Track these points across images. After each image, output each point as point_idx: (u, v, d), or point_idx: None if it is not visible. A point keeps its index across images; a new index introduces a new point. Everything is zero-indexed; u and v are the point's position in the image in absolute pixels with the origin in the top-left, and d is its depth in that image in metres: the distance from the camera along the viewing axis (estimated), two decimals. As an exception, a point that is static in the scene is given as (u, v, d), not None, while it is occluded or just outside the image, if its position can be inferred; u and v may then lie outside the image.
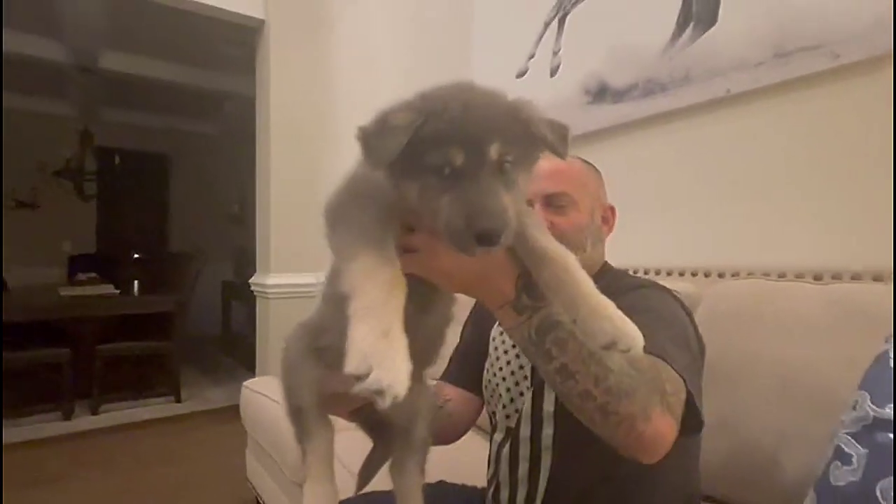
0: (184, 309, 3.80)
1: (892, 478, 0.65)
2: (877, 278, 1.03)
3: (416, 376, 0.77)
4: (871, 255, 1.09)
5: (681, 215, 1.58)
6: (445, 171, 0.53)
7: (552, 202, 0.91)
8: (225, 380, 4.33)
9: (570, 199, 0.92)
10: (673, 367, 0.66)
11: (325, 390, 0.70)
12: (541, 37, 2.11)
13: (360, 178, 0.63)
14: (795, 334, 1.00)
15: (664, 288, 0.87)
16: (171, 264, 5.90)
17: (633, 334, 0.54)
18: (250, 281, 3.23)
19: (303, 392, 0.71)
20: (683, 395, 0.67)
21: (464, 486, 1.08)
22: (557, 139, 0.59)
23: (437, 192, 0.53)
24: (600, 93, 1.86)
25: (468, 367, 1.04)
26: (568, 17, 2.00)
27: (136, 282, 4.45)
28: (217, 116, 5.97)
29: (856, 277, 1.06)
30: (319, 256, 2.91)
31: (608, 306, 0.56)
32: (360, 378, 0.45)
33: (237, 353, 5.14)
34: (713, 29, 1.52)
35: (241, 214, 6.13)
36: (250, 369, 4.68)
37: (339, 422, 0.77)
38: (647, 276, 0.92)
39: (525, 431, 0.86)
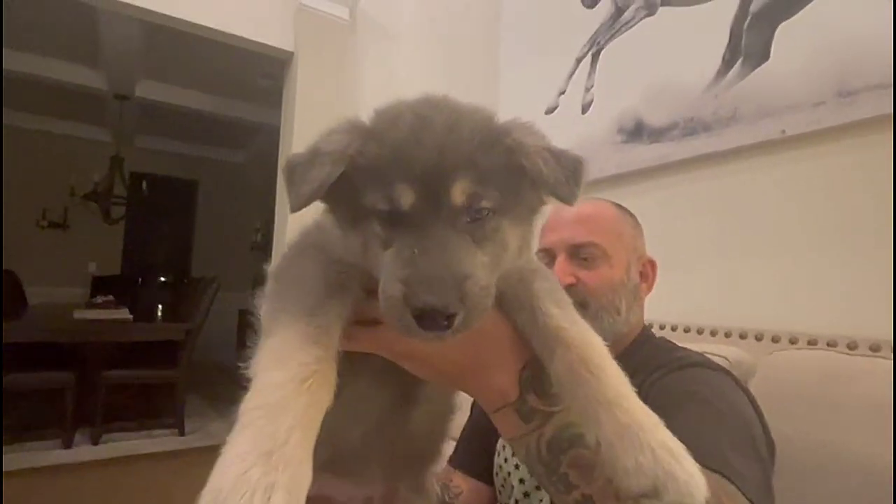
0: (192, 337, 3.71)
1: None
2: None
3: (412, 484, 0.61)
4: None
5: (726, 268, 1.42)
6: (390, 217, 0.39)
7: (578, 253, 0.78)
8: (234, 413, 4.19)
9: (600, 251, 0.78)
10: (738, 487, 0.49)
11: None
12: (572, 73, 2.01)
13: (318, 226, 0.48)
14: (875, 423, 0.82)
15: (721, 368, 0.70)
16: (191, 290, 5.91)
17: (685, 478, 0.36)
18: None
19: None
20: None
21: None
22: (562, 176, 0.42)
23: (381, 244, 0.39)
24: (636, 131, 1.74)
25: (477, 451, 0.87)
26: (602, 53, 1.90)
27: (160, 306, 4.41)
28: (246, 146, 6.08)
29: None
30: None
31: (650, 426, 0.38)
32: None
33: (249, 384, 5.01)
34: (765, 65, 1.39)
35: (263, 243, 6.13)
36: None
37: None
38: (698, 352, 0.75)
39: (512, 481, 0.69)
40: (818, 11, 1.28)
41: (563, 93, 2.05)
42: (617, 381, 0.40)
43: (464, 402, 0.62)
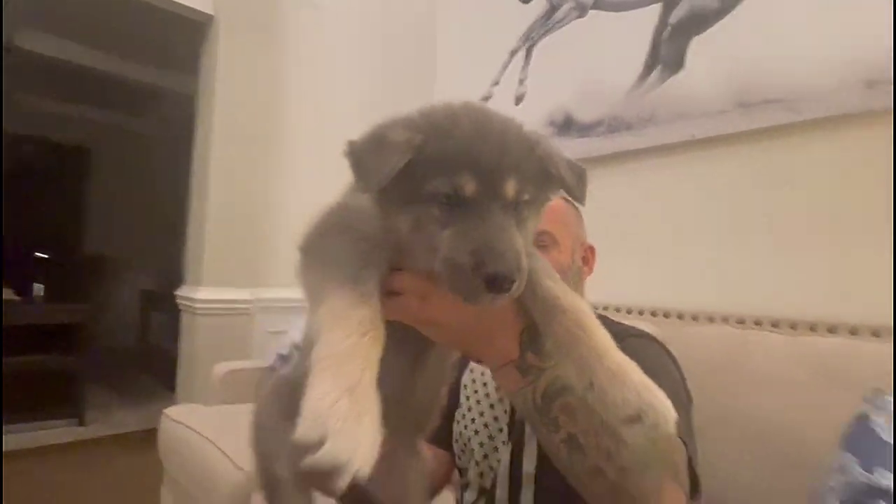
0: (95, 320, 3.42)
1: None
2: (853, 332, 1.05)
3: (409, 447, 0.67)
4: (844, 308, 1.12)
5: (645, 254, 1.58)
6: (450, 201, 0.45)
7: (534, 243, 0.85)
8: (140, 400, 3.93)
9: (551, 238, 0.86)
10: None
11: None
12: (506, 65, 2.09)
13: (342, 206, 0.53)
14: (768, 388, 0.99)
15: (653, 338, 0.82)
16: (83, 269, 5.36)
17: (661, 407, 0.45)
18: (177, 293, 2.96)
19: (279, 461, 0.58)
20: (686, 463, 0.61)
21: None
22: (576, 181, 0.51)
23: (438, 224, 0.45)
24: (566, 126, 1.86)
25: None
26: (535, 48, 2.00)
27: (38, 286, 3.97)
28: (147, 113, 5.57)
29: (831, 330, 1.08)
30: (257, 271, 2.70)
31: (632, 370, 0.48)
32: (310, 448, 0.35)
33: (156, 370, 4.71)
34: (680, 74, 1.55)
35: (171, 220, 5.70)
36: (170, 388, 4.31)
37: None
38: (632, 326, 0.86)
39: (502, 493, 0.78)
40: (726, 30, 1.45)
41: (496, 83, 2.13)
42: (604, 338, 0.49)
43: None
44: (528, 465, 0.76)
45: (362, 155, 0.45)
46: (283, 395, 0.61)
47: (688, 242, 1.47)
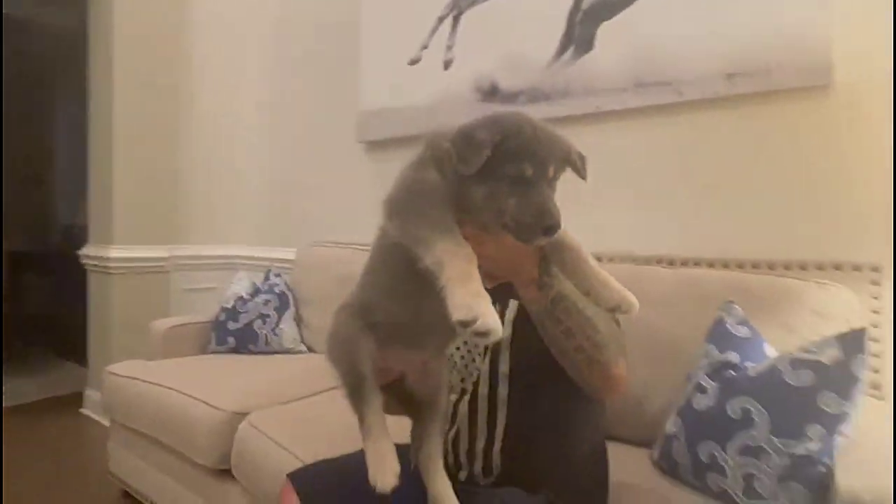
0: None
1: (740, 397, 0.97)
2: (710, 265, 1.43)
3: (438, 355, 0.89)
4: (705, 247, 1.52)
5: (562, 207, 1.88)
6: (514, 180, 0.66)
7: None
8: (28, 370, 3.64)
9: None
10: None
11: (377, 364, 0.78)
12: (434, 30, 2.23)
13: (418, 180, 0.72)
14: (654, 308, 1.33)
15: None
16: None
17: (631, 299, 0.73)
18: (81, 253, 2.79)
19: (364, 364, 0.77)
20: (625, 345, 0.89)
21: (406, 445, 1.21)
22: (581, 165, 0.75)
23: (506, 195, 0.66)
24: (491, 93, 2.08)
25: None
26: (463, 16, 2.16)
27: None
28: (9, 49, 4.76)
29: (697, 263, 1.45)
30: (173, 228, 2.71)
31: (611, 279, 0.74)
32: (467, 324, 0.57)
33: (34, 338, 4.33)
34: (590, 54, 1.83)
35: (37, 172, 5.05)
36: (62, 355, 4.00)
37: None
38: None
39: (483, 390, 1.02)
40: (629, 19, 1.74)
41: (425, 47, 2.27)
42: (594, 262, 0.76)
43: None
44: (503, 367, 1.02)
45: (462, 149, 0.65)
46: (356, 316, 0.80)
47: (597, 198, 1.80)
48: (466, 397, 1.05)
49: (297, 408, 1.52)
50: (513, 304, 1.01)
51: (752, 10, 1.51)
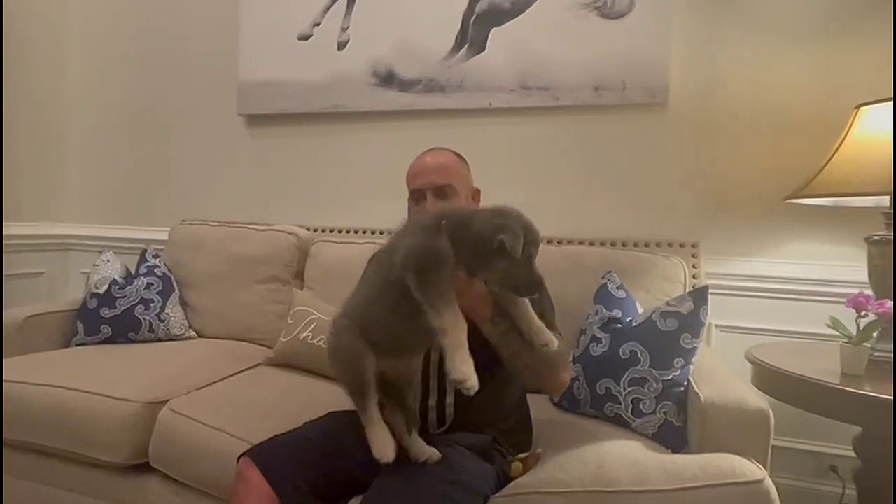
0: None
1: (629, 343, 1.29)
2: (591, 243, 1.76)
3: (420, 355, 1.08)
4: (585, 228, 1.86)
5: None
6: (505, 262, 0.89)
7: (440, 194, 1.19)
8: None
9: (453, 190, 1.20)
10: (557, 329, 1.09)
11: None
12: (327, 8, 2.23)
13: (434, 247, 0.89)
14: (550, 278, 1.60)
15: None
16: None
17: (553, 340, 0.96)
18: None
19: (368, 374, 0.94)
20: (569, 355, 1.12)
21: (346, 412, 1.30)
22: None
23: (497, 269, 0.90)
24: (388, 79, 2.17)
25: None
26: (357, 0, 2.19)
27: None
28: None
29: (581, 242, 1.77)
30: (59, 206, 2.41)
31: (542, 325, 0.97)
32: (460, 383, 0.81)
33: None
34: (483, 54, 2.04)
35: None
36: None
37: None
38: None
39: (435, 356, 1.16)
40: (516, 28, 1.98)
41: (317, 24, 2.25)
42: (532, 311, 0.97)
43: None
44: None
45: (511, 240, 0.87)
46: (354, 326, 0.96)
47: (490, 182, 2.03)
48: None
49: (219, 390, 1.48)
50: None
51: (613, 38, 1.87)
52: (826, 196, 1.44)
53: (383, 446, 0.93)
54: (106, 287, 1.84)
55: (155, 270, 1.96)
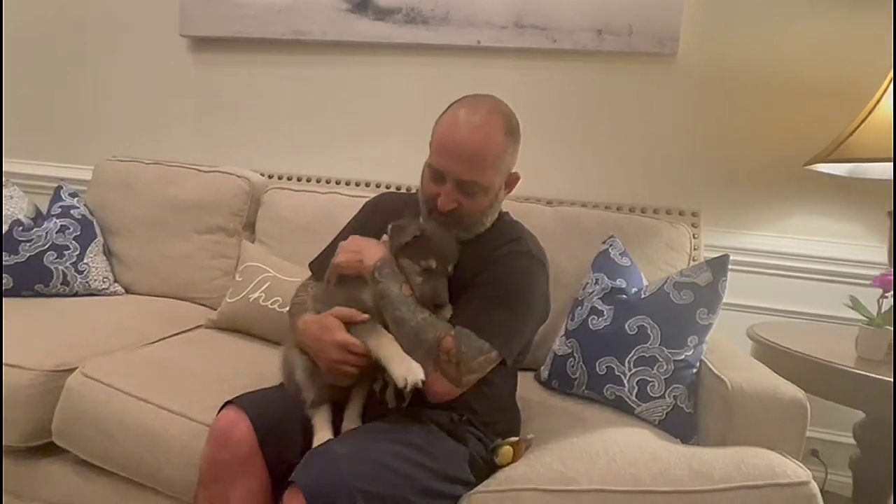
0: None
1: (637, 316, 1.12)
2: (585, 205, 1.56)
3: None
4: (577, 188, 1.67)
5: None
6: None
7: (463, 187, 0.97)
8: None
9: (481, 188, 0.97)
10: (480, 338, 0.88)
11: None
12: (293, -83, 1.88)
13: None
14: (541, 240, 1.42)
15: (533, 255, 1.01)
16: None
17: (407, 373, 0.82)
18: None
19: (297, 373, 0.97)
20: (470, 358, 0.88)
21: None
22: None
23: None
24: (362, 5, 1.87)
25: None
26: None
27: None
28: None
29: (574, 203, 1.58)
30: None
31: (400, 355, 0.86)
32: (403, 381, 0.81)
33: None
34: (473, -16, 1.78)
35: None
36: None
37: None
38: (530, 237, 1.07)
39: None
40: (513, -45, 1.73)
41: (280, -66, 1.90)
42: (395, 347, 0.87)
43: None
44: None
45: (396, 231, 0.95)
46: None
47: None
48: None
49: (146, 354, 1.22)
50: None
51: (622, -26, 1.65)
52: (856, 161, 1.31)
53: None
54: (7, 228, 1.51)
55: (71, 211, 1.63)
